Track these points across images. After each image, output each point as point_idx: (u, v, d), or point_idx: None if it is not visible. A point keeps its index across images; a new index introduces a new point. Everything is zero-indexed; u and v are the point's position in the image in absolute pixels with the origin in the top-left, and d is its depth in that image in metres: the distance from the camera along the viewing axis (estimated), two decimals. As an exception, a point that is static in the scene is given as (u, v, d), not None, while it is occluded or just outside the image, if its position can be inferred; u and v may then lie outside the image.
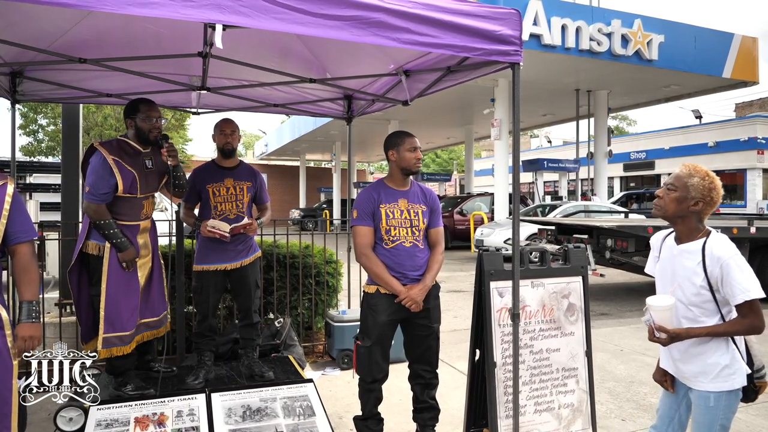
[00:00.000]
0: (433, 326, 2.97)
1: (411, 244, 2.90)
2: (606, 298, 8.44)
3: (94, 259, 3.18)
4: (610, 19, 12.21)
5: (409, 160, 2.91)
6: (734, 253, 2.03)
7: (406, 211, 2.92)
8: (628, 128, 45.67)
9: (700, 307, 2.09)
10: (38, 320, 2.17)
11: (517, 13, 2.42)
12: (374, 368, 2.90)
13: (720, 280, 2.02)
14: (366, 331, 2.91)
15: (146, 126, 3.24)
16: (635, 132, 40.43)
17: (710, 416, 2.08)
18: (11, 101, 3.89)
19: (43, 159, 21.73)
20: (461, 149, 36.65)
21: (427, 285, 2.88)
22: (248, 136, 54.58)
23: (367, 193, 2.97)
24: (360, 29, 2.06)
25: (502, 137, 13.81)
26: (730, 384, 2.06)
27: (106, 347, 3.10)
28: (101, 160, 3.12)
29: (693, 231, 2.12)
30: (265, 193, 3.87)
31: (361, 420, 3.04)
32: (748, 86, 14.62)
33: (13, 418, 2.07)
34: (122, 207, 3.21)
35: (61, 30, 3.08)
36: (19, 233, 2.17)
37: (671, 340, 2.08)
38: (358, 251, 2.91)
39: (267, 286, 4.82)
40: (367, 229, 2.89)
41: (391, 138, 2.99)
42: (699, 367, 2.11)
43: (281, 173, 36.06)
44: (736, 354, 2.08)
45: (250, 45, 3.35)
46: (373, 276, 2.91)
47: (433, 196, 3.06)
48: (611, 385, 4.35)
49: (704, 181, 2.08)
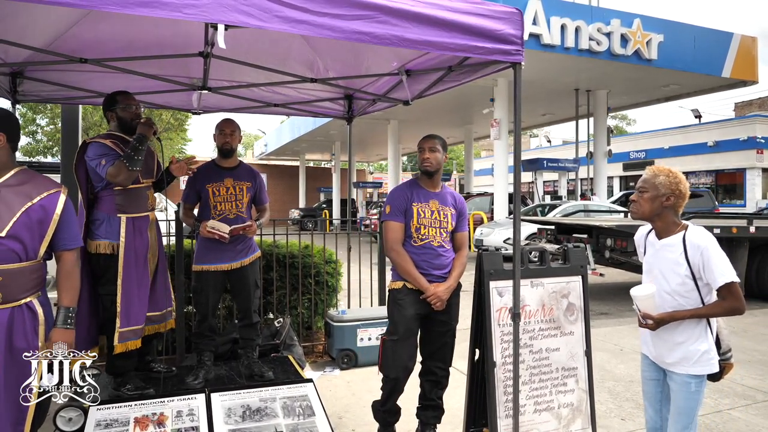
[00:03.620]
0: (452, 323, 3.03)
1: (438, 244, 2.97)
2: (605, 298, 8.45)
3: (105, 258, 3.17)
4: (609, 19, 12.21)
5: (419, 160, 3.03)
6: (712, 241, 2.20)
7: (437, 212, 2.99)
8: (628, 128, 45.72)
9: (684, 296, 2.25)
10: (73, 327, 2.24)
11: (518, 13, 2.42)
12: (399, 362, 2.90)
13: (702, 267, 2.19)
14: (393, 326, 2.95)
15: (127, 115, 3.26)
16: (635, 131, 40.50)
17: (692, 401, 2.25)
18: (11, 101, 3.88)
19: (42, 159, 21.71)
20: (461, 149, 36.64)
21: (452, 285, 2.96)
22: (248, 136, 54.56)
23: (401, 190, 3.05)
24: (362, 29, 2.06)
25: (501, 137, 13.81)
26: (709, 368, 2.24)
27: (122, 341, 3.14)
28: (100, 145, 3.13)
29: (671, 225, 2.31)
30: (264, 193, 3.88)
31: (379, 408, 3.06)
32: (747, 86, 14.63)
33: (29, 413, 2.14)
34: (129, 199, 3.22)
35: (62, 30, 3.09)
36: (66, 240, 2.26)
37: (657, 324, 2.26)
38: (389, 246, 2.97)
39: (267, 286, 4.82)
40: (398, 225, 2.95)
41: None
42: (681, 353, 2.27)
43: (281, 173, 36.04)
44: (712, 340, 2.26)
45: (251, 45, 3.35)
46: (400, 271, 2.96)
47: (462, 202, 3.15)
48: (611, 384, 4.36)
49: (669, 178, 2.27)
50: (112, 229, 3.16)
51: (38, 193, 2.19)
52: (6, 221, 2.09)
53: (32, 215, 2.15)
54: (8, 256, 2.09)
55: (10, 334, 2.12)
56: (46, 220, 2.19)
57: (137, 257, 3.21)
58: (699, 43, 13.24)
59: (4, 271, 2.09)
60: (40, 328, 2.21)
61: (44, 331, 2.21)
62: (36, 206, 2.17)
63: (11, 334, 2.12)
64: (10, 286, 2.11)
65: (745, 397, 4.03)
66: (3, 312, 2.11)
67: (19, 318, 2.15)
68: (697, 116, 27.67)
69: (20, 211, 2.12)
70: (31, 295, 2.19)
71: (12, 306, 2.13)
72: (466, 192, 22.12)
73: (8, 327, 2.11)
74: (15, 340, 2.13)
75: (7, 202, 2.13)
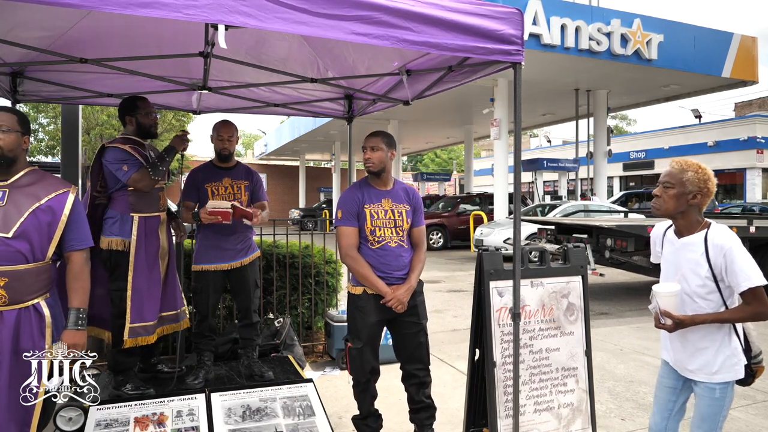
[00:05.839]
0: (421, 322, 2.99)
1: (396, 245, 2.92)
2: (606, 298, 8.45)
3: (117, 254, 3.26)
4: (609, 19, 12.20)
5: (363, 160, 2.95)
6: (736, 241, 2.07)
7: (390, 211, 2.93)
8: (628, 128, 45.70)
9: (705, 299, 2.12)
10: (84, 328, 2.23)
11: (518, 13, 2.42)
12: (366, 367, 2.92)
13: (724, 269, 2.06)
14: (356, 333, 2.92)
15: (147, 121, 3.42)
16: (635, 131, 40.47)
17: (716, 407, 2.14)
18: (12, 101, 3.88)
19: (43, 158, 21.70)
20: (461, 149, 36.67)
21: (411, 285, 2.90)
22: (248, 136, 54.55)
23: (350, 192, 2.96)
24: (362, 29, 2.06)
25: (501, 137, 13.80)
26: (733, 374, 2.12)
27: (132, 336, 3.20)
28: (120, 150, 3.27)
29: (694, 224, 2.17)
30: (262, 191, 3.87)
31: (360, 419, 3.04)
32: (747, 86, 14.62)
33: (36, 414, 2.14)
34: (142, 199, 3.32)
35: (62, 30, 3.08)
36: (74, 240, 2.26)
37: (676, 326, 2.12)
38: (343, 252, 2.92)
39: (267, 286, 4.83)
40: (351, 230, 2.89)
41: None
42: (703, 360, 2.15)
43: (281, 173, 36.03)
44: (738, 345, 2.13)
45: (251, 45, 3.35)
46: (358, 277, 2.90)
47: (416, 195, 3.07)
48: (611, 384, 4.36)
49: (698, 174, 2.13)
50: (124, 227, 3.27)
51: (47, 194, 2.19)
52: (14, 222, 2.08)
53: (40, 216, 2.14)
54: (15, 257, 2.08)
55: (16, 336, 2.10)
56: (54, 221, 2.18)
57: (148, 255, 3.30)
58: (699, 43, 13.23)
59: (10, 272, 2.07)
60: (47, 330, 2.19)
61: (51, 333, 2.19)
62: (44, 207, 2.16)
63: (18, 336, 2.11)
64: (17, 288, 2.10)
65: (745, 397, 4.03)
66: (10, 314, 2.09)
67: (26, 320, 2.13)
68: (697, 116, 27.68)
69: (28, 212, 2.12)
70: (38, 296, 2.18)
71: (19, 307, 2.12)
72: (466, 192, 22.10)
73: (15, 329, 2.10)
74: (22, 342, 2.11)
75: (16, 202, 2.12)
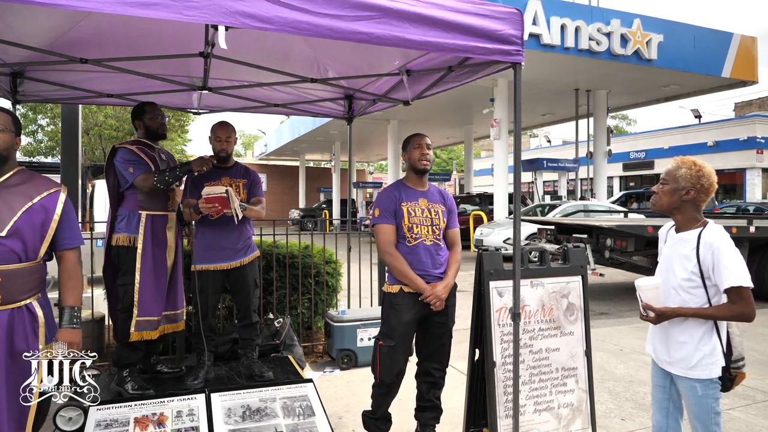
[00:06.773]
0: (449, 324, 3.01)
1: (432, 243, 2.94)
2: (605, 298, 8.45)
3: (124, 250, 3.38)
4: (609, 19, 12.20)
5: (414, 159, 2.99)
6: (726, 240, 2.12)
7: (427, 210, 2.96)
8: (628, 128, 45.70)
9: (690, 293, 2.18)
10: (79, 326, 2.23)
11: (518, 13, 2.42)
12: (395, 368, 2.91)
13: (711, 267, 2.11)
14: (389, 331, 2.91)
15: (154, 124, 3.59)
16: (635, 131, 40.48)
17: (703, 405, 2.17)
18: (12, 102, 3.89)
19: (42, 159, 21.71)
20: (461, 149, 36.67)
21: (449, 282, 2.92)
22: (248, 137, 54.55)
23: (388, 191, 3.02)
24: (363, 29, 2.06)
25: (501, 137, 13.80)
26: (708, 373, 2.16)
27: (138, 330, 3.32)
28: (128, 151, 3.43)
29: (690, 221, 2.23)
30: (259, 188, 3.86)
31: (371, 417, 3.03)
32: (747, 86, 14.62)
33: (31, 415, 2.14)
34: (151, 197, 3.45)
35: (62, 30, 3.08)
36: (66, 239, 2.27)
37: (659, 318, 2.19)
38: (382, 249, 2.93)
39: (267, 286, 4.83)
40: (389, 227, 2.92)
41: (405, 140, 3.07)
42: (682, 354, 2.21)
43: (281, 173, 36.03)
44: (718, 345, 2.17)
45: (251, 45, 3.35)
46: (397, 273, 2.90)
47: (450, 199, 3.13)
48: (611, 384, 4.36)
49: (691, 170, 2.18)
50: (132, 223, 3.40)
51: (38, 193, 2.19)
52: (7, 221, 2.08)
53: (33, 215, 2.15)
54: (8, 257, 2.08)
55: (10, 337, 2.10)
56: (48, 220, 2.19)
57: (154, 251, 3.40)
58: (699, 43, 13.23)
59: (3, 271, 2.07)
60: (41, 330, 2.19)
61: (44, 333, 2.19)
62: (36, 206, 2.16)
63: (12, 337, 2.11)
64: (10, 287, 2.10)
65: (745, 397, 4.03)
66: (2, 314, 2.09)
67: (19, 320, 2.13)
68: (697, 116, 27.68)
69: (21, 211, 2.12)
70: (30, 296, 2.18)
71: (12, 307, 2.12)
72: (466, 192, 22.13)
73: (8, 329, 2.10)
74: (15, 342, 2.11)
75: (8, 201, 2.12)
